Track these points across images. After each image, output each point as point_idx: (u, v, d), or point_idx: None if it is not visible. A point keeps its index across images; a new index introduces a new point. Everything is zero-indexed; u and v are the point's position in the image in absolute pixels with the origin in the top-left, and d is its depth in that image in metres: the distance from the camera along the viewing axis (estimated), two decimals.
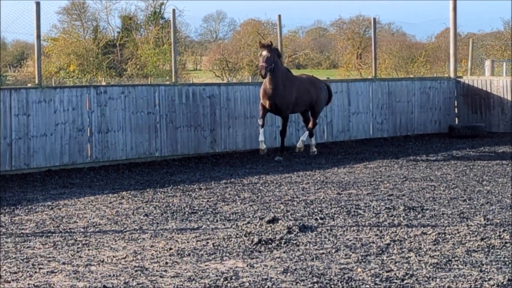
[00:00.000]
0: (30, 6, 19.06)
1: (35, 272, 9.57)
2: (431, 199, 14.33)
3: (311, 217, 12.68)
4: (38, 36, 19.00)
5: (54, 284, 9.00)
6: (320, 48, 74.19)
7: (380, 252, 10.35)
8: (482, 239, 10.92)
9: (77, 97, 18.88)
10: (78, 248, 10.83)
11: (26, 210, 13.70)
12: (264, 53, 19.66)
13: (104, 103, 19.27)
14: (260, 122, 20.13)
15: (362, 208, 13.45)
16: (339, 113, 24.10)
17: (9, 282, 9.12)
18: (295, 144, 21.53)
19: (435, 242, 10.82)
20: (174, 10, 22.04)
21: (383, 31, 63.20)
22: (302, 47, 70.27)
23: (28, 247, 10.91)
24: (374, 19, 26.58)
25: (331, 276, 9.15)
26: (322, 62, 74.24)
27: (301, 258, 10.06)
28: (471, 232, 11.38)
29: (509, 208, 13.28)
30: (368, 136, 24.81)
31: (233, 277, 9.19)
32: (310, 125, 21.31)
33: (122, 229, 12.07)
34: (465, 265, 9.54)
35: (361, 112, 24.70)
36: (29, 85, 19.34)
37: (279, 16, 24.10)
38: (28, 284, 9.02)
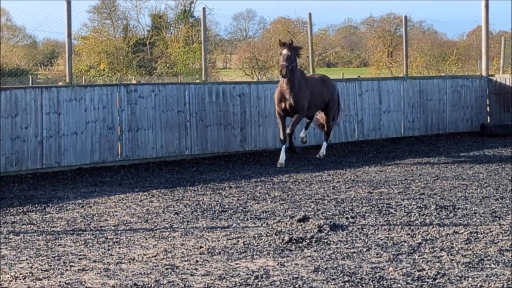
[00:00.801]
0: (61, 5, 19.17)
1: (66, 269, 9.61)
2: (463, 198, 14.27)
3: (342, 216, 12.66)
4: (69, 34, 19.09)
5: (85, 282, 9.03)
6: (351, 46, 74.08)
7: (412, 251, 10.32)
8: None
9: (108, 96, 18.94)
10: (109, 246, 10.86)
11: (57, 208, 13.77)
12: (284, 51, 19.04)
13: (134, 102, 19.32)
14: (281, 136, 19.43)
15: (393, 207, 13.41)
16: (370, 111, 24.04)
17: (41, 279, 9.17)
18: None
19: (467, 241, 10.78)
20: (204, 9, 22.06)
21: (414, 29, 63.02)
22: (332, 45, 70.20)
23: (59, 245, 10.96)
24: (405, 17, 26.53)
25: (362, 275, 9.14)
26: (353, 60, 74.14)
27: (332, 257, 10.04)
28: (503, 231, 11.32)
29: None
30: (399, 135, 24.74)
31: (264, 276, 9.19)
32: (326, 129, 20.93)
33: (152, 227, 12.10)
34: (497, 265, 9.49)
35: (392, 110, 24.64)
36: (60, 83, 19.42)
37: (310, 14, 24.08)
38: (60, 281, 9.06)
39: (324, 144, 20.78)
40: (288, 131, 19.30)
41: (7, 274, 9.43)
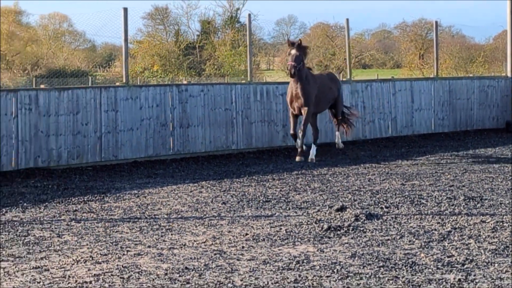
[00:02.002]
0: (119, 12, 19.24)
1: (123, 254, 9.66)
2: (489, 189, 14.18)
3: (377, 206, 12.62)
4: (126, 39, 19.17)
5: (140, 265, 9.07)
6: (385, 49, 73.76)
7: (442, 238, 10.27)
8: None
9: (161, 95, 19.01)
10: (162, 233, 10.91)
11: (115, 198, 13.84)
12: (293, 52, 18.24)
13: (185, 100, 19.37)
14: (292, 133, 18.76)
15: (424, 197, 13.36)
16: (402, 109, 23.94)
17: (100, 263, 9.22)
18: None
19: (494, 230, 10.71)
20: (249, 15, 22.07)
21: (444, 33, 62.57)
22: (368, 48, 69.92)
23: (116, 232, 11.02)
24: (436, 22, 26.38)
25: (396, 261, 9.11)
26: (387, 62, 73.83)
27: (368, 244, 10.02)
28: None
29: None
30: (430, 131, 24.61)
31: (305, 261, 9.19)
32: (337, 125, 20.19)
33: (202, 215, 12.13)
34: None
35: (424, 108, 24.51)
36: (117, 83, 19.51)
37: (347, 20, 24.01)
38: (117, 265, 9.11)
39: (338, 134, 20.15)
40: (300, 133, 18.54)
41: (70, 258, 9.50)
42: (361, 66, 68.58)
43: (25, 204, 13.26)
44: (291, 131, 18.73)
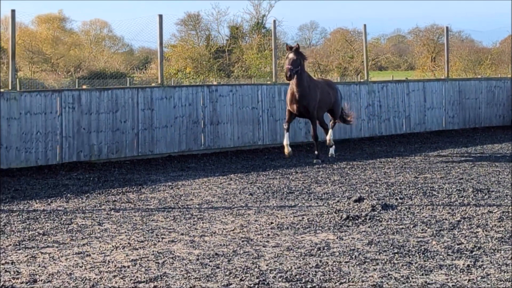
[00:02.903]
0: (154, 19, 19.29)
1: (158, 241, 9.69)
2: (496, 182, 14.10)
3: (392, 197, 12.59)
4: (161, 43, 19.22)
5: (174, 251, 9.09)
6: (399, 52, 73.49)
7: (452, 227, 10.23)
8: None
9: (193, 95, 19.04)
10: (194, 221, 10.93)
11: (151, 189, 13.88)
12: (290, 56, 17.14)
13: (215, 100, 19.39)
14: (285, 126, 17.59)
15: (436, 189, 13.31)
16: (416, 108, 23.86)
17: (137, 249, 9.25)
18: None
19: (500, 220, 10.65)
20: (274, 21, 22.07)
21: (454, 38, 62.18)
22: (383, 51, 69.74)
23: (152, 220, 11.05)
24: (447, 28, 26.27)
25: (410, 248, 9.08)
26: (401, 64, 73.57)
27: (384, 232, 10.00)
28: None
29: None
30: (441, 128, 24.52)
31: (325, 247, 9.18)
32: (331, 123, 19.04)
33: (230, 206, 12.14)
34: None
35: (435, 107, 24.43)
36: (153, 84, 19.59)
37: (364, 25, 24.00)
38: (153, 251, 9.14)
39: (330, 132, 18.80)
40: (312, 138, 17.92)
41: (109, 244, 9.53)
42: (378, 68, 68.34)
43: (68, 195, 13.32)
44: (285, 125, 17.59)
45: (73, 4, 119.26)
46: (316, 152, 17.70)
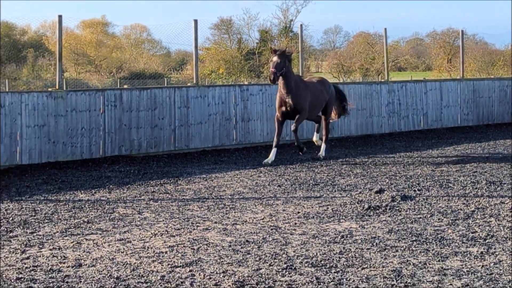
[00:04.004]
0: (190, 23, 19.30)
1: (194, 229, 9.72)
2: (508, 175, 14.00)
3: (410, 189, 12.54)
4: (196, 46, 19.24)
5: (208, 238, 9.12)
6: (417, 54, 73.09)
7: (467, 217, 10.18)
8: None
9: (225, 94, 19.05)
10: (226, 211, 10.95)
11: (186, 181, 13.91)
12: (275, 59, 16.07)
13: (246, 98, 19.39)
14: (275, 140, 16.39)
15: (451, 182, 13.24)
16: (433, 106, 23.73)
17: (174, 236, 9.28)
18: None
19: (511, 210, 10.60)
20: (301, 25, 22.02)
21: (469, 40, 61.70)
22: (403, 53, 69.37)
23: (188, 210, 11.08)
24: (462, 31, 26.12)
25: (427, 236, 9.05)
26: (419, 65, 73.16)
27: (403, 221, 9.97)
28: None
29: None
30: (456, 125, 24.37)
31: (348, 235, 9.17)
32: (323, 122, 17.68)
33: (260, 196, 12.15)
34: None
35: (451, 105, 24.28)
36: (188, 84, 19.60)
37: (385, 29, 23.91)
38: (188, 238, 9.17)
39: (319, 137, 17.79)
40: (292, 128, 16.47)
41: (148, 231, 9.57)
42: (397, 69, 67.99)
43: (111, 186, 13.39)
44: (276, 140, 16.39)
45: (115, 10, 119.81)
46: (296, 144, 16.75)
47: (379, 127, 22.24)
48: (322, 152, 17.14)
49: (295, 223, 9.95)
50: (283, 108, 16.35)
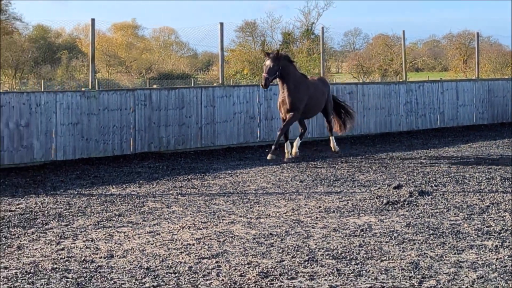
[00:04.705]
0: (216, 26, 19.31)
1: (219, 222, 9.73)
2: None
3: (427, 185, 12.49)
4: (222, 48, 19.26)
5: (233, 231, 9.13)
6: (434, 55, 72.74)
7: (482, 212, 10.12)
8: None
9: (250, 93, 19.05)
10: (250, 205, 10.95)
11: (213, 176, 13.94)
12: (267, 63, 15.27)
13: (270, 98, 19.37)
14: (282, 138, 15.94)
15: (467, 178, 13.16)
16: (449, 105, 23.61)
17: (201, 229, 9.30)
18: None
19: None
20: (322, 28, 21.97)
21: (484, 42, 61.31)
22: (420, 55, 69.07)
23: (214, 204, 11.10)
24: (477, 33, 25.98)
25: (443, 230, 9.01)
26: (436, 66, 72.84)
27: (420, 216, 9.93)
28: None
29: None
30: (472, 123, 24.23)
31: (368, 229, 9.15)
32: (328, 127, 17.34)
33: (283, 191, 12.14)
34: None
35: (467, 104, 24.14)
36: (214, 84, 19.63)
37: (403, 31, 23.83)
38: (215, 231, 9.18)
39: (332, 139, 17.17)
40: (278, 131, 15.88)
41: (176, 224, 9.60)
42: (415, 70, 67.72)
43: (141, 181, 13.44)
44: (281, 134, 15.80)
45: (144, 13, 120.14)
46: (273, 147, 15.61)
47: (397, 125, 22.16)
48: (334, 144, 16.93)
49: (317, 217, 9.94)
50: (283, 109, 15.85)
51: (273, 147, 15.70)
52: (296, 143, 16.38)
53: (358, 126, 21.22)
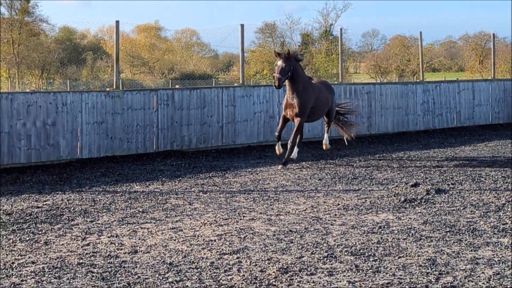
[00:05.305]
0: (237, 28, 19.30)
1: (240, 219, 9.74)
2: None
3: (444, 183, 12.43)
4: (242, 49, 19.25)
5: (253, 228, 9.13)
6: (451, 56, 72.40)
7: (498, 209, 10.06)
8: None
9: (269, 93, 19.04)
10: (270, 202, 10.95)
11: (233, 174, 13.94)
12: (279, 63, 14.65)
13: None
14: (277, 134, 15.29)
15: (483, 176, 13.09)
16: (465, 105, 23.49)
17: (222, 225, 9.31)
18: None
19: None
20: (341, 29, 21.93)
21: (500, 43, 60.89)
22: (437, 55, 68.78)
23: (235, 201, 11.11)
24: (493, 34, 25.80)
25: (460, 227, 8.97)
26: (452, 66, 72.47)
27: (437, 213, 9.88)
28: None
29: None
30: (488, 122, 24.09)
31: (385, 226, 9.12)
32: (326, 124, 16.61)
33: (302, 189, 12.13)
34: None
35: (483, 104, 24.01)
36: (235, 84, 19.61)
37: (420, 32, 23.71)
38: (235, 227, 9.19)
39: (326, 136, 16.57)
40: (290, 143, 15.15)
41: (198, 221, 9.62)
42: (431, 70, 67.40)
43: (163, 178, 13.47)
44: (277, 132, 15.35)
45: (167, 15, 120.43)
46: (286, 156, 15.11)
47: (414, 125, 22.07)
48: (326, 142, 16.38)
49: (335, 214, 9.93)
50: (288, 110, 15.07)
51: (286, 156, 15.06)
52: (294, 152, 15.48)
53: (376, 125, 21.18)
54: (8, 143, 14.82)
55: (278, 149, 15.30)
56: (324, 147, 16.54)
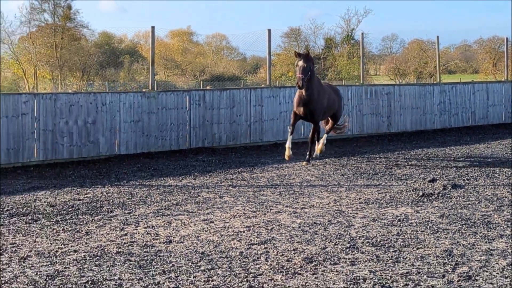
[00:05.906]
0: (264, 32, 19.29)
1: (267, 211, 9.74)
2: None
3: (460, 178, 12.34)
4: (269, 52, 19.24)
5: (280, 220, 9.13)
6: (466, 59, 71.86)
7: (511, 204, 9.97)
8: None
9: (294, 94, 18.93)
10: (296, 196, 10.94)
11: (261, 170, 13.94)
12: (300, 63, 14.12)
13: None
14: (290, 129, 14.58)
15: (497, 172, 12.98)
16: (480, 105, 23.31)
17: (250, 218, 9.32)
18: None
19: None
20: (362, 33, 21.85)
21: None
22: (452, 58, 68.34)
23: (262, 195, 11.11)
24: (507, 38, 25.57)
25: (475, 220, 8.90)
26: (467, 69, 71.93)
27: (453, 207, 9.82)
28: None
29: None
30: (501, 122, 23.88)
31: (404, 219, 9.08)
32: (329, 127, 16.19)
33: (325, 184, 12.10)
34: None
35: (496, 104, 23.81)
36: (262, 85, 19.62)
37: (437, 37, 23.66)
38: (263, 219, 9.19)
39: (323, 140, 15.90)
40: (309, 140, 14.96)
41: (228, 213, 9.63)
42: (448, 72, 66.97)
43: (195, 173, 13.51)
44: (290, 128, 14.60)
45: (199, 21, 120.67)
46: (308, 155, 14.84)
47: (431, 124, 21.94)
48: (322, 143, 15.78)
49: (357, 208, 9.90)
50: (301, 109, 14.51)
51: (307, 156, 14.82)
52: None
53: (395, 124, 21.08)
54: (52, 140, 14.94)
55: (289, 149, 14.59)
56: (318, 150, 15.66)
